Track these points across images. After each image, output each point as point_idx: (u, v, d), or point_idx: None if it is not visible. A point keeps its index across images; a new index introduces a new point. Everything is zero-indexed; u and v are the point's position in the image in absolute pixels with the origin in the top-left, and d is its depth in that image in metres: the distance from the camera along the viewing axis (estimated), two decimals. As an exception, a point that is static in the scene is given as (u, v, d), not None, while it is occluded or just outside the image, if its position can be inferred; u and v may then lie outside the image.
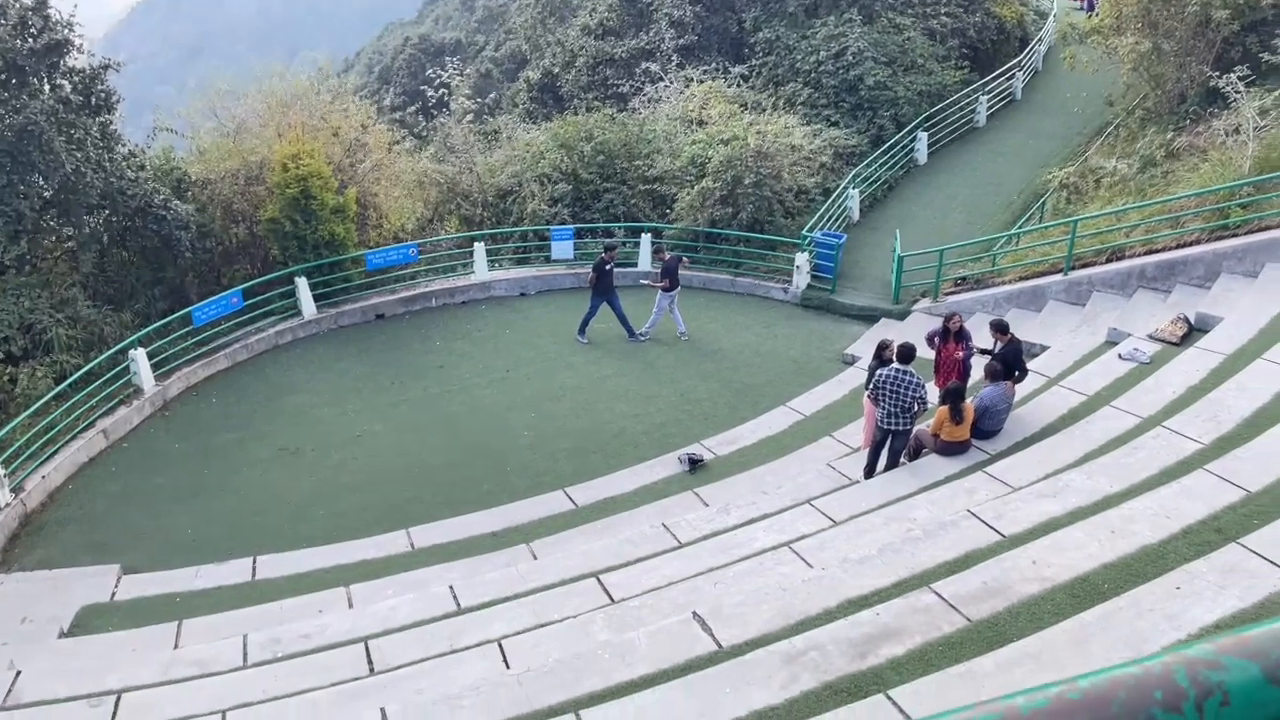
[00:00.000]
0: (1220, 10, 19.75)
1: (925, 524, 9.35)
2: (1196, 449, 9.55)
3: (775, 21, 28.94)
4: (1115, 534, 8.01)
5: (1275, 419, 9.51)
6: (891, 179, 24.94)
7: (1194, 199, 15.99)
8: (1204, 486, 8.50)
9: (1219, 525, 7.91)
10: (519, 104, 35.18)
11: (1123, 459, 9.70)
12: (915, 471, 11.57)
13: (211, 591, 11.56)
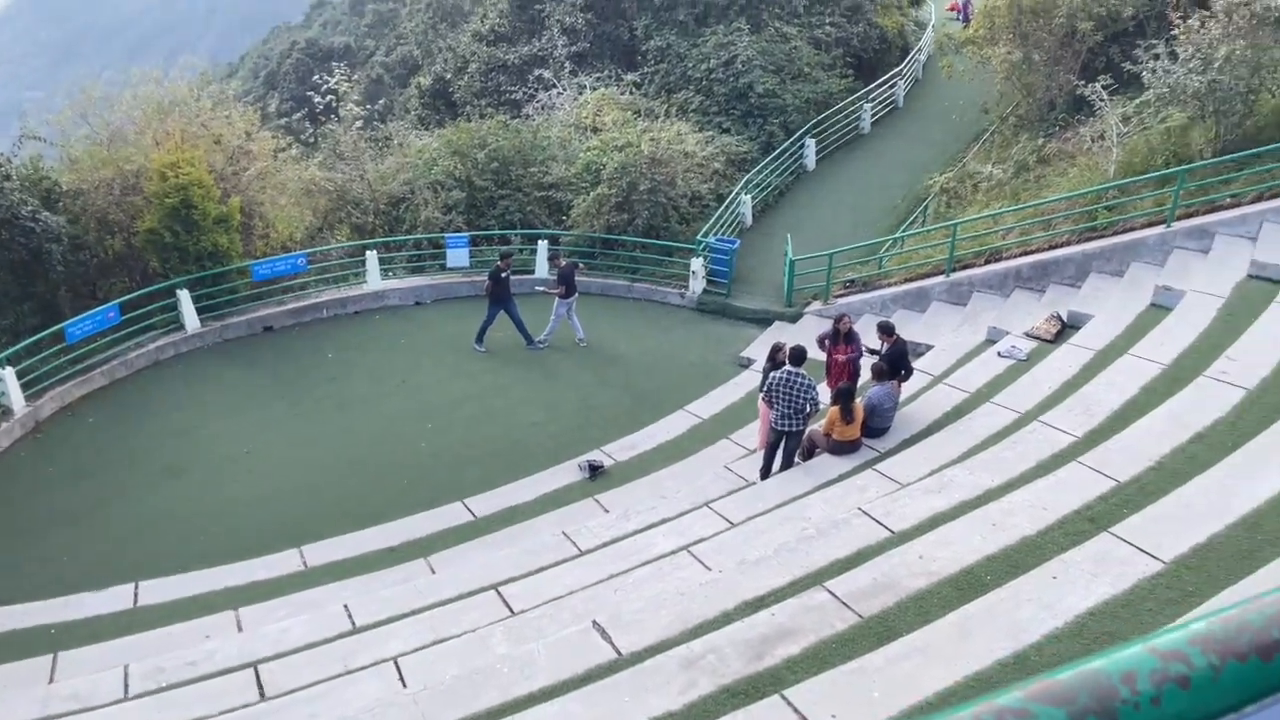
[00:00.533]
0: (1085, 23, 20.78)
1: (819, 523, 9.57)
2: (1070, 442, 10.02)
3: (666, 30, 29.22)
4: (996, 527, 8.35)
5: (1142, 411, 10.05)
6: (782, 185, 25.45)
7: (1064, 202, 16.79)
8: (1077, 478, 8.92)
9: (1091, 515, 8.32)
10: (411, 110, 34.68)
11: (1002, 453, 10.11)
12: (809, 471, 11.84)
13: (90, 621, 11.05)
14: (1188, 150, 16.06)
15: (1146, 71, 16.33)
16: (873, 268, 19.81)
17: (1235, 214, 14.11)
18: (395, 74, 52.87)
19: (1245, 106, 15.30)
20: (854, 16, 31.54)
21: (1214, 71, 14.88)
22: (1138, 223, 15.35)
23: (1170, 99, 16.03)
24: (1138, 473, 8.89)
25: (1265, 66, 15.11)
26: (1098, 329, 13.25)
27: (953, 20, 37.14)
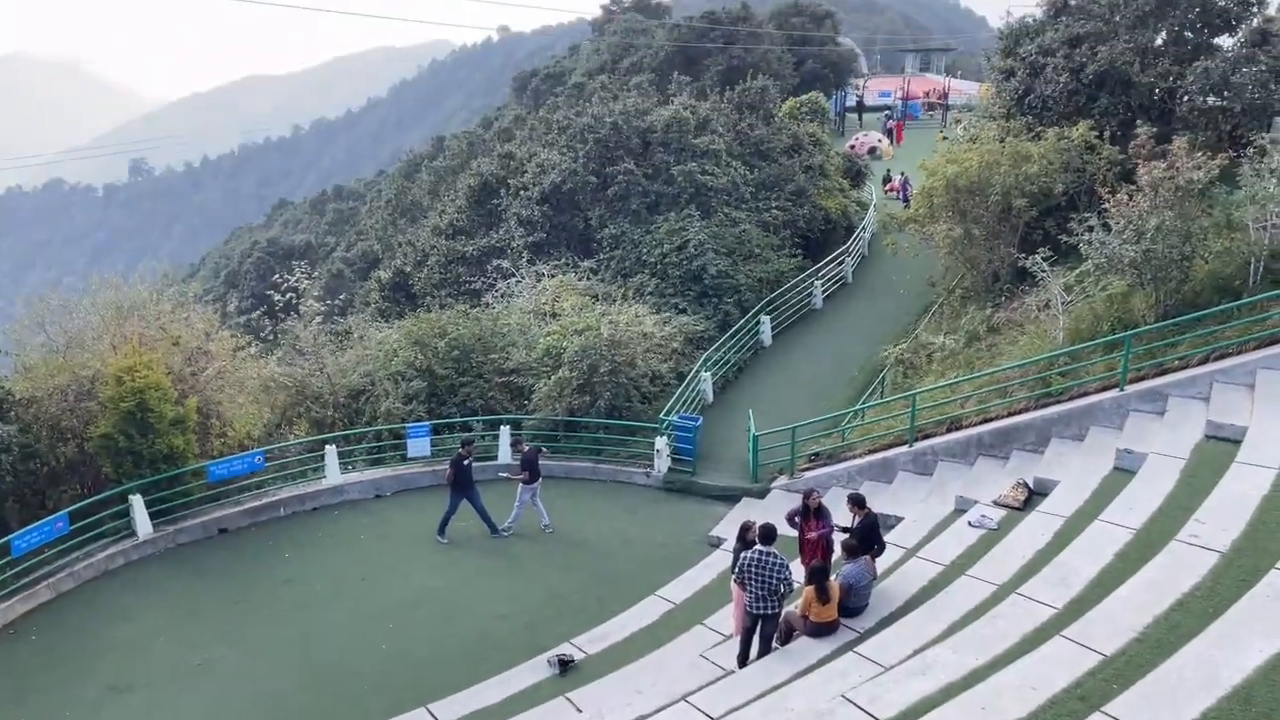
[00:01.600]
0: (1019, 200, 21.88)
1: (802, 713, 9.15)
2: (1051, 614, 9.79)
3: (620, 218, 30.31)
4: (986, 711, 8.00)
5: (1119, 580, 9.89)
6: (741, 361, 25.84)
7: (1018, 370, 17.13)
8: (1062, 654, 8.65)
9: (1082, 693, 8.02)
10: (371, 303, 35.20)
11: (983, 629, 9.83)
12: (788, 656, 11.40)
13: None
14: (1131, 315, 16.58)
15: (1083, 243, 17.04)
16: (836, 440, 19.88)
17: (1185, 375, 14.44)
18: (356, 268, 54.03)
19: (1181, 273, 15.93)
20: (799, 200, 33.02)
21: (1147, 241, 15.56)
22: (1092, 387, 15.64)
23: (1109, 268, 16.68)
24: (1123, 645, 8.66)
25: (1195, 235, 15.83)
26: (1065, 495, 13.24)
27: (893, 199, 39.02)
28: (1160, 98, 23.48)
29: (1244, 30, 23.00)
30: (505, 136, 55.58)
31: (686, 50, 58.49)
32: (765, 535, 11.68)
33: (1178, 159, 16.28)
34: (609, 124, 31.87)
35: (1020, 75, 24.97)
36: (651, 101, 36.85)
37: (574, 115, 35.07)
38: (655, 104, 36.23)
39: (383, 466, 21.41)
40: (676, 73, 53.08)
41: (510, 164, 35.13)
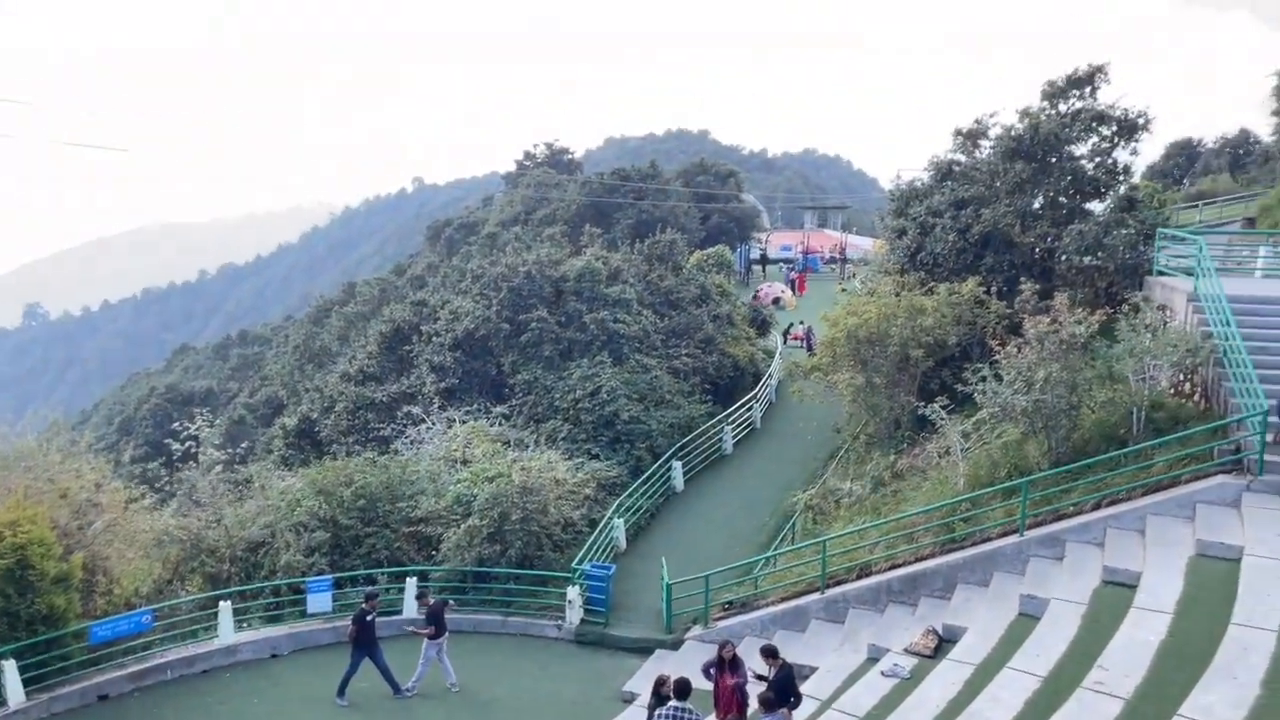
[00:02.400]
0: (916, 350, 22.83)
1: None
2: (967, 767, 9.74)
3: (533, 364, 30.53)
4: None
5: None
6: (653, 507, 25.80)
7: (922, 516, 17.49)
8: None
9: None
10: (274, 450, 34.26)
11: (902, 785, 9.71)
12: (705, 820, 11.01)
13: None
14: (1026, 462, 17.22)
15: (978, 392, 17.78)
16: (749, 587, 19.80)
17: (1080, 521, 14.96)
18: (259, 414, 52.79)
19: (1070, 421, 16.70)
20: (708, 348, 33.84)
21: (1036, 391, 16.34)
22: (994, 533, 16.04)
23: (1003, 416, 17.39)
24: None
25: (1080, 386, 16.70)
26: (973, 642, 13.37)
27: (797, 348, 40.26)
28: (1041, 256, 25.09)
29: (1112, 197, 24.96)
30: (418, 283, 56.00)
31: (598, 204, 60.51)
32: (680, 690, 11.47)
33: (1060, 314, 17.30)
34: (523, 273, 32.48)
35: (911, 234, 26.45)
36: (564, 252, 37.80)
37: (488, 264, 35.67)
38: (568, 254, 37.17)
39: (280, 624, 20.40)
40: (588, 225, 54.62)
41: (423, 310, 35.31)
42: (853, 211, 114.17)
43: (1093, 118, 25.10)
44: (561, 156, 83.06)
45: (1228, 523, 13.31)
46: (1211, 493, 14.10)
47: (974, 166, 26.80)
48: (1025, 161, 25.16)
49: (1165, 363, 16.90)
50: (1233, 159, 51.70)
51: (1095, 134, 25.35)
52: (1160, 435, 15.68)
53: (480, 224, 71.98)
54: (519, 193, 69.62)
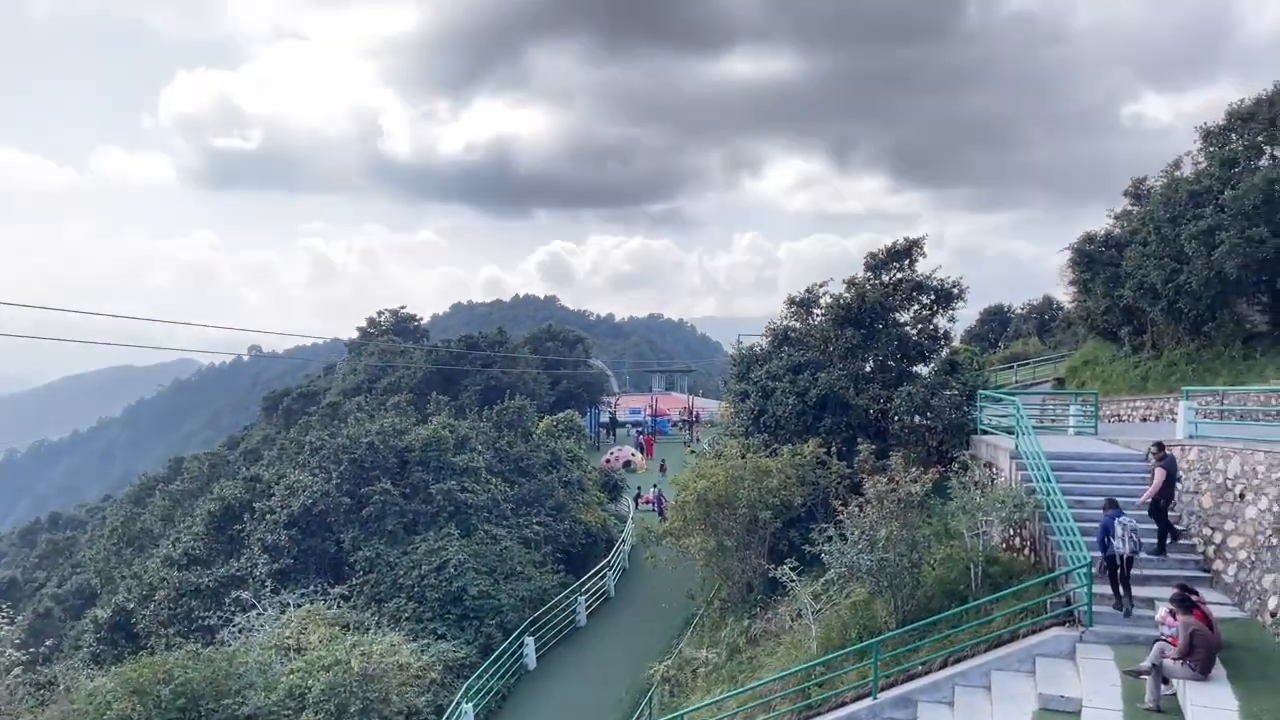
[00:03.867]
0: (764, 511, 23.13)
1: None
2: None
3: (375, 540, 29.24)
4: None
5: None
6: (504, 688, 24.63)
7: (778, 682, 17.25)
8: None
9: None
10: (84, 646, 31.11)
11: None
12: None
13: None
14: (875, 622, 17.37)
15: (824, 553, 18.02)
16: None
17: (930, 680, 15.05)
18: (68, 606, 48.24)
19: (913, 579, 17.05)
20: (559, 515, 33.37)
21: (879, 550, 16.68)
22: (848, 696, 15.91)
23: (850, 576, 17.62)
24: None
25: (920, 543, 17.18)
26: (836, 815, 13.01)
27: (649, 511, 40.21)
28: (875, 417, 26.25)
29: (936, 360, 26.59)
30: (252, 457, 53.49)
31: (445, 371, 60.05)
32: None
33: (896, 473, 17.94)
34: (365, 443, 31.54)
35: (754, 398, 27.28)
36: (410, 421, 37.03)
37: (328, 435, 34.49)
38: (413, 423, 36.43)
39: None
40: (435, 392, 53.96)
41: (256, 486, 33.57)
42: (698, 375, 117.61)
43: (912, 287, 26.99)
44: (407, 323, 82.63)
45: (1065, 675, 13.66)
46: (1048, 645, 14.51)
47: (808, 333, 28.15)
48: (855, 328, 26.64)
49: (995, 518, 17.66)
50: (1039, 323, 56.32)
51: (916, 302, 27.23)
52: (997, 590, 16.18)
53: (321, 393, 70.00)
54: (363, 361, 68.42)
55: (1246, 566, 14.25)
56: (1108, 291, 32.77)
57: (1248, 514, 14.46)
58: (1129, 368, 33.08)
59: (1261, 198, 25.86)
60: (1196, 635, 11.74)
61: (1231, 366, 27.85)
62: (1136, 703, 12.03)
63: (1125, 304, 31.75)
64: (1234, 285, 27.17)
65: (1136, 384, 31.72)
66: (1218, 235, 26.56)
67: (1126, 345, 33.96)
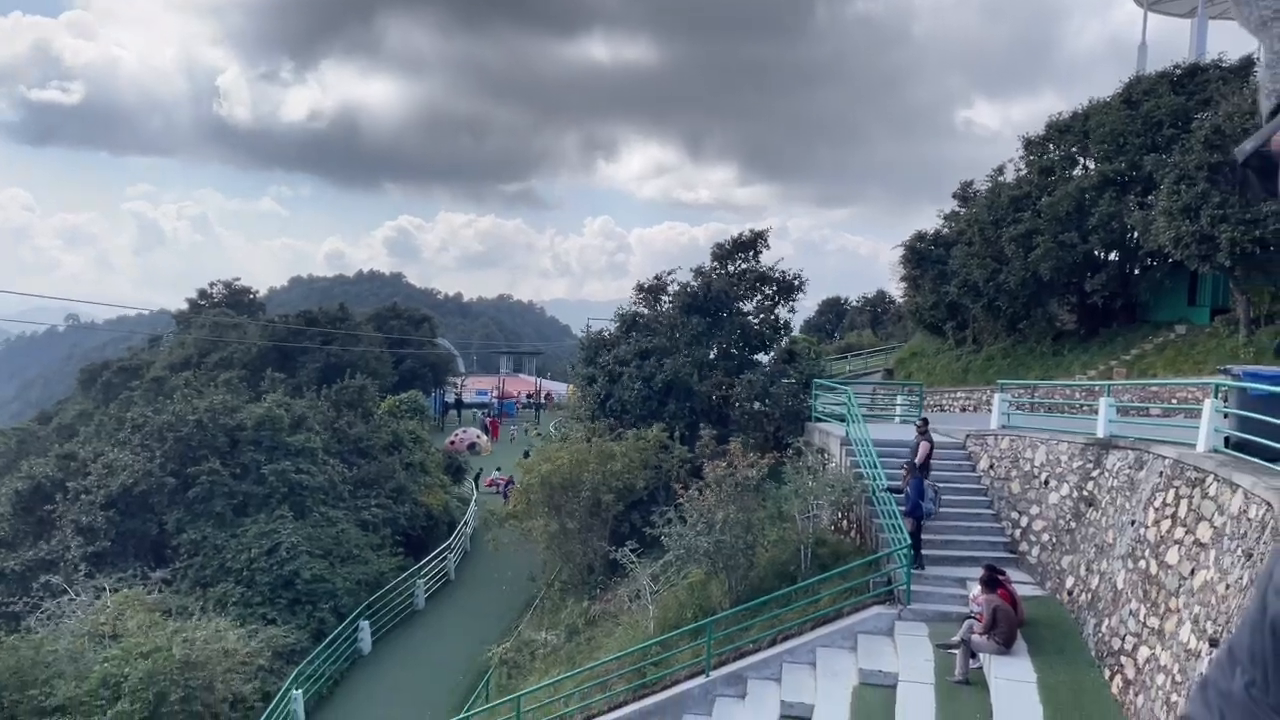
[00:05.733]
0: (607, 495, 23.39)
1: None
2: None
3: (201, 521, 27.93)
4: None
5: None
6: (337, 673, 24.05)
7: (615, 662, 17.53)
8: None
9: None
10: None
11: None
12: None
13: None
14: (710, 602, 17.88)
15: (664, 535, 18.41)
16: (441, 755, 18.72)
17: (759, 658, 15.64)
18: None
19: (747, 560, 17.64)
20: (400, 497, 32.73)
21: (717, 532, 17.18)
22: (682, 675, 16.35)
23: (688, 558, 18.07)
24: None
25: (755, 525, 17.78)
26: (666, 790, 13.37)
27: (493, 494, 39.96)
28: (718, 403, 26.93)
29: (776, 349, 27.51)
30: (67, 433, 50.06)
31: (282, 347, 57.74)
32: None
33: (735, 458, 18.49)
34: (193, 421, 30.04)
35: (601, 382, 27.52)
36: (242, 398, 35.48)
37: (152, 412, 32.66)
38: (246, 401, 34.92)
39: None
40: (270, 369, 51.85)
41: (71, 465, 31.42)
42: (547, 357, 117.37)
43: (756, 278, 27.81)
44: (242, 297, 78.94)
45: (884, 651, 14.47)
46: (869, 623, 15.33)
47: (656, 319, 28.58)
48: (701, 316, 27.23)
49: (825, 502, 18.46)
50: (873, 316, 59.04)
51: (760, 292, 28.07)
52: (825, 570, 16.93)
53: (145, 367, 66.09)
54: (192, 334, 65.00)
55: (1048, 548, 15.43)
56: (935, 288, 34.67)
57: (1050, 499, 15.65)
58: (952, 360, 35.12)
59: (1074, 205, 27.91)
60: (999, 612, 12.65)
61: (1043, 361, 29.99)
62: (947, 675, 12.86)
63: (950, 300, 33.67)
64: (1047, 286, 29.23)
65: (959, 376, 33.73)
66: (1034, 239, 28.50)
67: (950, 339, 36.04)
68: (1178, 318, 28.23)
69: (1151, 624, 10.42)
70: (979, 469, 18.68)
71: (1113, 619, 11.71)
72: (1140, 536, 11.49)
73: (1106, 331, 29.86)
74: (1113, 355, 28.14)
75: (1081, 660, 12.16)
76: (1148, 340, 28.02)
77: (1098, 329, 30.20)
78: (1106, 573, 12.51)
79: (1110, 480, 13.58)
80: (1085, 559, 13.69)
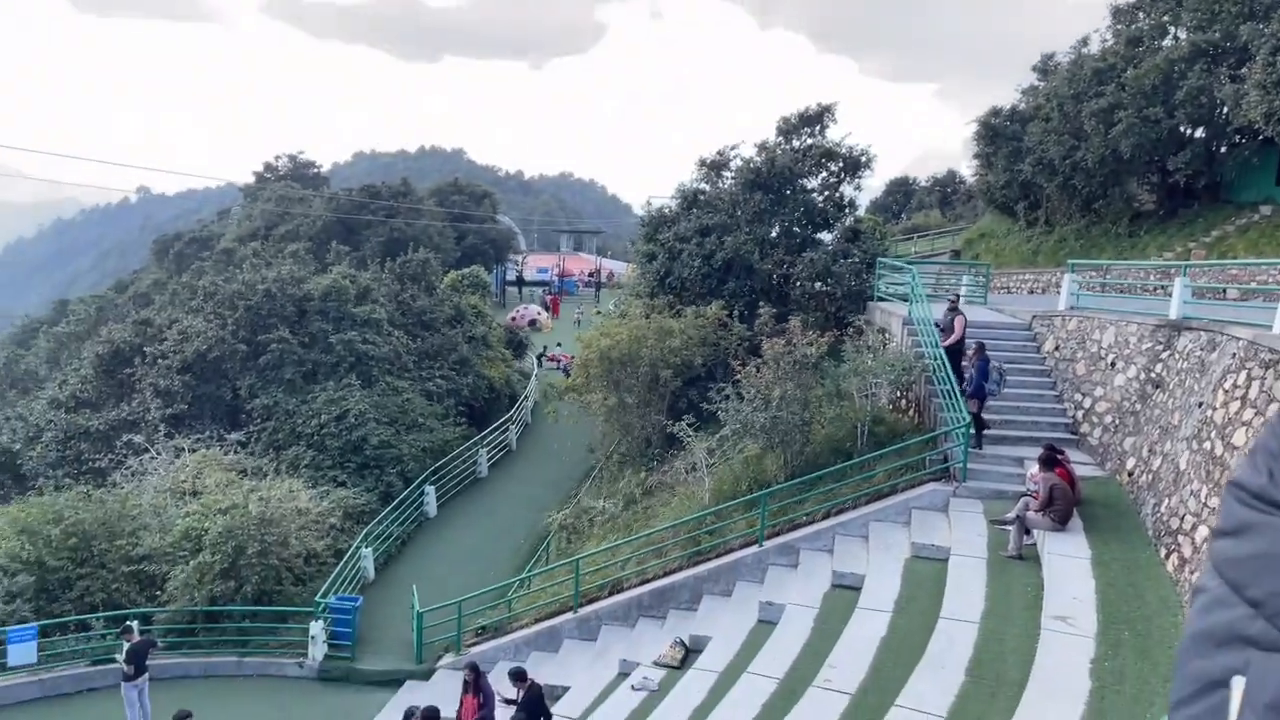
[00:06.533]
0: (665, 370, 23.59)
1: None
2: (710, 772, 10.07)
3: (273, 388, 28.87)
4: None
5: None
6: (405, 534, 25.04)
7: (671, 530, 18.02)
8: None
9: None
10: (-33, 488, 30.33)
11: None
12: None
13: None
14: (765, 475, 18.16)
15: (721, 411, 18.60)
16: (503, 611, 19.59)
17: (812, 530, 15.94)
18: (-51, 447, 46.56)
19: (803, 436, 17.79)
20: (462, 369, 33.37)
21: (774, 409, 17.29)
22: (736, 544, 16.77)
23: (744, 433, 18.27)
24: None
25: (812, 403, 17.85)
26: (717, 650, 13.88)
27: (553, 370, 40.55)
28: (778, 282, 26.70)
29: (839, 228, 27.00)
30: (143, 301, 51.63)
31: (346, 221, 58.34)
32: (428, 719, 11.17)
33: (794, 336, 18.44)
34: (262, 290, 30.73)
35: (661, 259, 27.38)
36: (308, 270, 36.12)
37: (223, 281, 33.47)
38: (312, 272, 35.55)
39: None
40: (335, 242, 52.56)
41: (147, 331, 32.53)
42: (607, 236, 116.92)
43: (822, 154, 27.10)
44: (306, 170, 79.45)
45: (937, 526, 14.62)
46: (924, 499, 15.45)
47: (718, 196, 28.16)
48: (763, 192, 26.74)
49: (884, 381, 18.39)
50: (942, 196, 57.43)
51: (825, 169, 27.40)
52: (881, 448, 17.01)
53: (215, 239, 67.42)
54: (258, 206, 65.86)
55: (1110, 430, 15.26)
56: (1008, 166, 33.50)
57: (1116, 381, 15.39)
58: (1021, 242, 34.20)
59: (1161, 78, 26.49)
60: (1056, 489, 12.64)
61: (1117, 243, 29.04)
62: (1000, 550, 12.98)
63: (1024, 179, 32.55)
64: (1127, 164, 28.05)
65: (1028, 257, 32.89)
66: (1116, 114, 27.22)
67: (1021, 220, 35.00)
68: (1264, 198, 26.97)
69: (1213, 504, 10.34)
70: (1043, 350, 18.38)
71: (1173, 499, 11.64)
72: (1207, 418, 11.29)
73: (1186, 212, 28.70)
74: (1191, 237, 27.12)
75: (1137, 539, 12.16)
76: (1230, 221, 26.90)
77: (1177, 210, 29.04)
78: (1169, 454, 12.38)
79: (1180, 362, 13.29)
80: (1148, 441, 13.53)
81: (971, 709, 9.36)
